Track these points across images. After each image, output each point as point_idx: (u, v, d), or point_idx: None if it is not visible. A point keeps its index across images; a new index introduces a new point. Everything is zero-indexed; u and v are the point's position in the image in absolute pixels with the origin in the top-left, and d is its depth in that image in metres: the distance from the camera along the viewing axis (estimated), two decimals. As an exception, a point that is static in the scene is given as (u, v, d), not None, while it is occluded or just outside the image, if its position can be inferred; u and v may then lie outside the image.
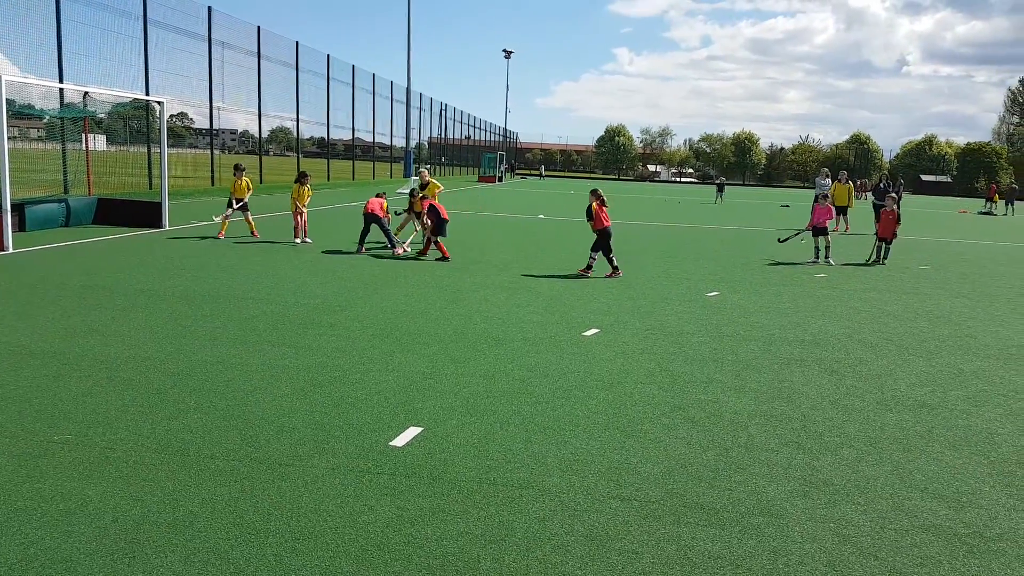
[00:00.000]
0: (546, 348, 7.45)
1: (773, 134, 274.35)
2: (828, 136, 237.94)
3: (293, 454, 4.61)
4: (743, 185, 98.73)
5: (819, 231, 15.53)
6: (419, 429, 5.10)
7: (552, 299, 10.10)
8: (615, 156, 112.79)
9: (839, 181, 24.36)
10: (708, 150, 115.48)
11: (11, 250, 11.86)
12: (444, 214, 13.28)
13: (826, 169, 26.35)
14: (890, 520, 4.13)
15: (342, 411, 5.39)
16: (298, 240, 14.61)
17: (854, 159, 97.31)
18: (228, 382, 5.90)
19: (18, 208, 13.63)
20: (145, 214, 16.21)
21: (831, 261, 15.31)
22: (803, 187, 76.40)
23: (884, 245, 15.76)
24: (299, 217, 14.65)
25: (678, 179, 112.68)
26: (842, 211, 24.22)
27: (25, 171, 20.24)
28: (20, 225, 13.61)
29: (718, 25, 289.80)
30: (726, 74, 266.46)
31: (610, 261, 12.25)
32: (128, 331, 7.29)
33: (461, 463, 4.59)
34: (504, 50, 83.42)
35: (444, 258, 13.09)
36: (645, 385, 6.36)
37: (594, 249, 12.34)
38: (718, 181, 47.73)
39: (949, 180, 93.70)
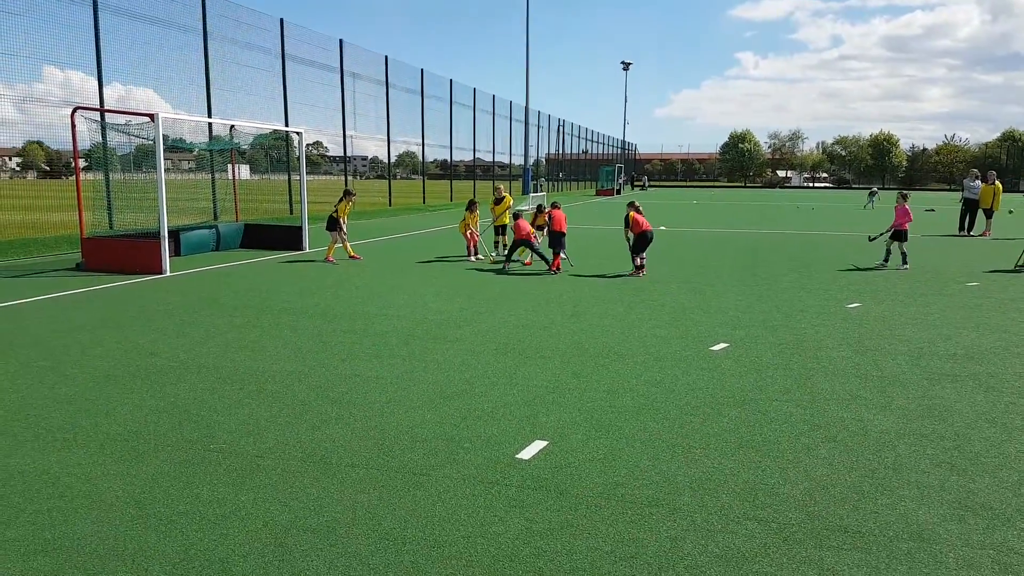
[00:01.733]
0: (671, 363, 7.30)
1: (914, 134, 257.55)
2: (976, 135, 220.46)
3: (426, 464, 4.74)
4: (883, 188, 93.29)
5: (898, 234, 14.53)
6: (544, 443, 5.13)
7: (676, 312, 9.90)
8: (740, 162, 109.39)
9: (986, 182, 22.58)
10: (843, 153, 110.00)
11: (168, 273, 12.92)
12: (561, 227, 13.84)
13: (975, 170, 24.44)
14: (1063, 551, 3.76)
15: (470, 423, 5.50)
16: (472, 258, 15.75)
17: (1006, 158, 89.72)
18: (365, 394, 6.16)
19: (173, 234, 14.86)
20: (287, 238, 17.25)
21: (906, 267, 14.36)
22: (950, 189, 71.14)
23: None
24: (469, 235, 16.01)
25: (811, 184, 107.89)
26: (987, 214, 22.42)
27: (178, 200, 21.96)
28: (176, 250, 14.82)
29: (849, 23, 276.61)
30: (859, 73, 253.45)
31: (639, 260, 13.16)
32: (274, 346, 7.76)
33: (588, 478, 4.57)
34: (622, 62, 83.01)
35: (553, 270, 13.60)
36: (781, 402, 6.11)
37: (635, 251, 13.25)
38: (872, 188, 45.53)
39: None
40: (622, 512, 4.14)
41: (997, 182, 22.73)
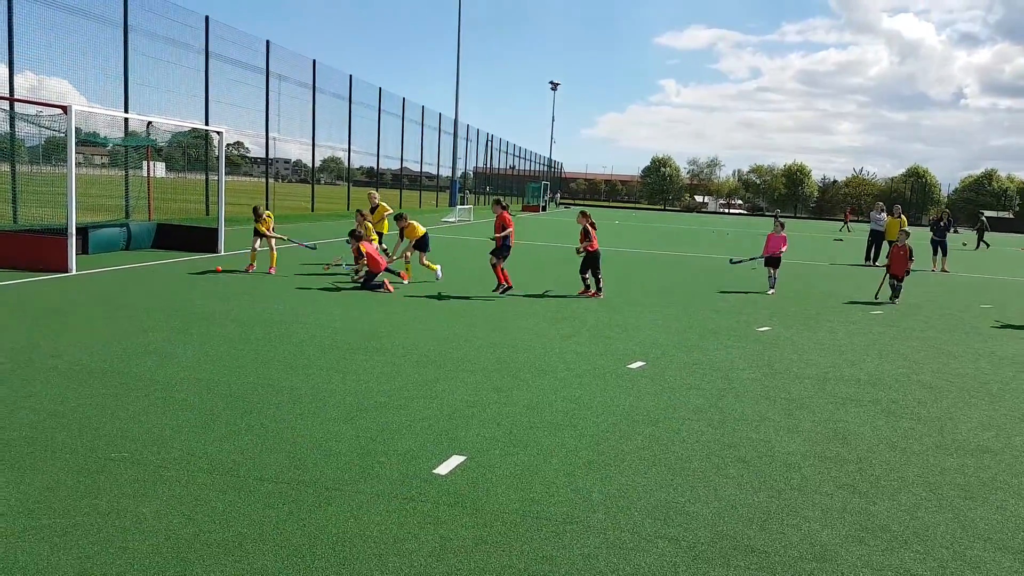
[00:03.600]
0: (591, 380, 7.40)
1: (825, 166, 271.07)
2: (883, 169, 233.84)
3: (339, 479, 4.64)
4: (794, 217, 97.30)
5: (771, 261, 15.29)
6: (462, 458, 5.10)
7: (596, 328, 10.04)
8: (661, 186, 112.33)
9: (892, 215, 23.88)
10: (758, 181, 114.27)
11: (74, 272, 12.29)
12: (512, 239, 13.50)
13: (881, 203, 25.86)
14: (951, 570, 3.97)
15: (387, 437, 5.42)
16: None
17: (911, 193, 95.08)
18: (278, 405, 6.00)
19: (82, 232, 14.15)
20: (202, 239, 16.68)
21: (771, 292, 15.06)
22: (857, 220, 74.89)
23: (896, 283, 14.52)
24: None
25: (727, 210, 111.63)
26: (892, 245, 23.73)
27: (88, 196, 20.97)
28: (83, 248, 14.12)
29: (767, 57, 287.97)
30: (775, 105, 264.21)
31: (597, 281, 13.09)
32: (183, 353, 7.47)
33: (504, 495, 4.57)
34: (551, 82, 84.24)
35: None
36: (693, 421, 6.27)
37: (583, 271, 13.21)
38: (776, 213, 47.21)
39: (1011, 216, 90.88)
40: (537, 529, 4.14)
41: (903, 215, 24.05)
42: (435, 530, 4.05)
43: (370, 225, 14.32)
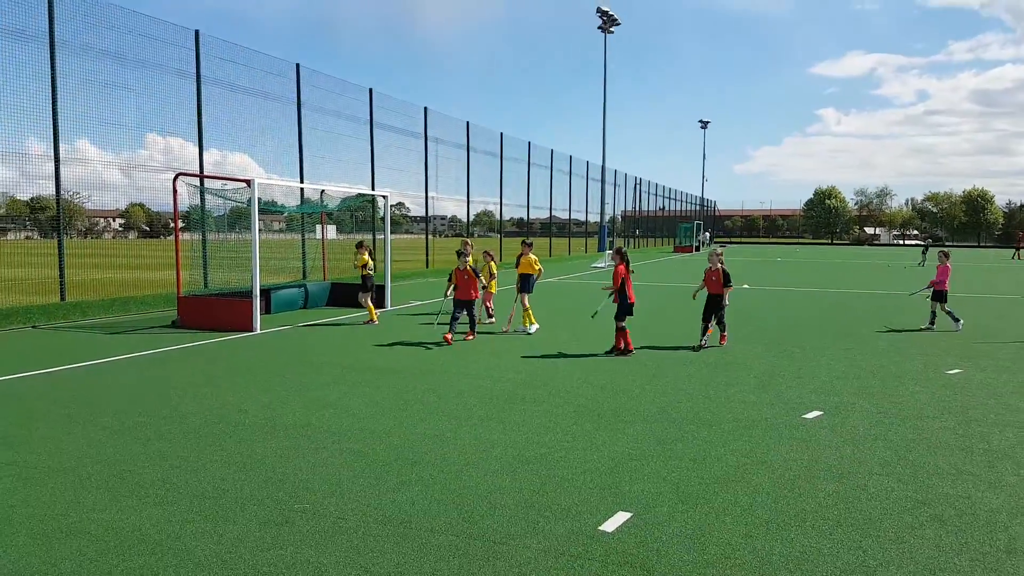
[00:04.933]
0: (761, 432, 7.02)
1: (1010, 190, 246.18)
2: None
3: (506, 532, 4.65)
4: (978, 247, 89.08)
5: (938, 294, 13.90)
6: (628, 514, 4.96)
7: (764, 376, 9.56)
8: (827, 219, 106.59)
9: None
10: (934, 210, 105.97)
11: (259, 331, 13.36)
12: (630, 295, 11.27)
13: None
14: None
15: (549, 490, 5.39)
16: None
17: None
18: (443, 456, 6.14)
19: (264, 293, 15.40)
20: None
21: (958, 327, 13.68)
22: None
23: None
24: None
25: (901, 241, 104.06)
26: None
27: (269, 259, 22.86)
28: (266, 308, 15.35)
29: (935, 78, 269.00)
30: (948, 128, 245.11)
31: (721, 325, 11.95)
32: (357, 405, 7.86)
33: (676, 555, 4.38)
34: (700, 120, 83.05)
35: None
36: (881, 476, 5.77)
37: (705, 317, 11.92)
38: (926, 243, 43.47)
39: None
40: (712, 592, 3.93)
41: None
42: (605, 590, 3.94)
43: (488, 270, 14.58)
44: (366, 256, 15.05)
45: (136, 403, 7.90)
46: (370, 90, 26.60)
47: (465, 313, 12.52)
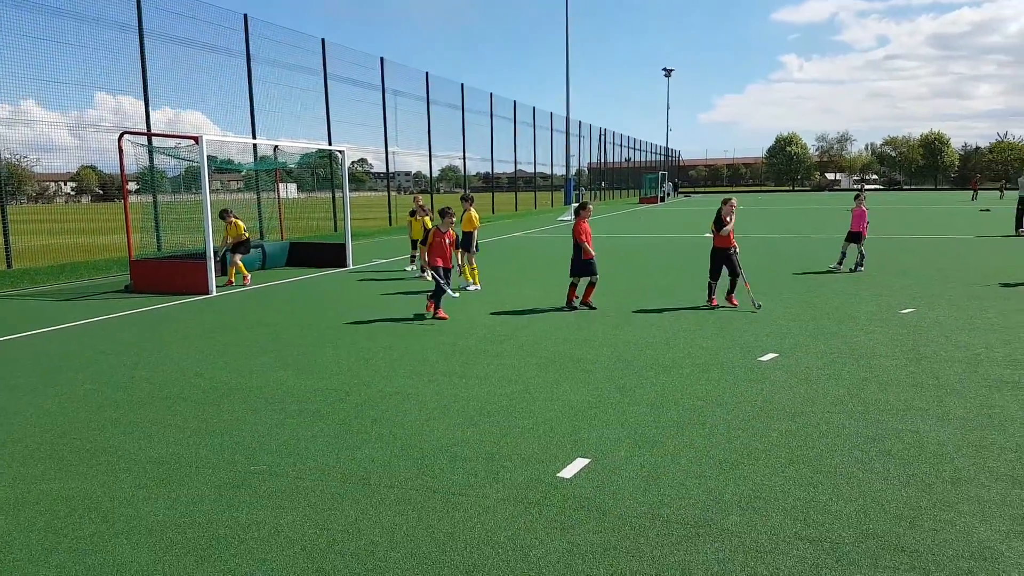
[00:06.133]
0: (718, 374, 7.11)
1: (966, 133, 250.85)
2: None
3: (465, 484, 4.67)
4: (935, 189, 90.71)
5: (852, 235, 14.35)
6: (587, 460, 5.01)
7: (723, 321, 9.67)
8: (788, 166, 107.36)
9: None
10: (893, 154, 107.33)
11: (214, 293, 13.13)
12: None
13: None
14: None
15: (510, 440, 5.41)
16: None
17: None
18: (405, 412, 6.12)
19: (220, 255, 15.07)
20: (332, 255, 17.43)
21: (859, 270, 14.09)
22: (1010, 188, 68.49)
23: None
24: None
25: (861, 187, 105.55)
26: None
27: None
28: (222, 270, 15.05)
29: (894, 23, 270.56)
30: (907, 73, 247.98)
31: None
32: (317, 365, 7.79)
33: (631, 497, 4.44)
34: (664, 68, 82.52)
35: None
36: (833, 414, 5.89)
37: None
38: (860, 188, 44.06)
39: None
40: (667, 533, 3.99)
41: None
42: (562, 535, 3.99)
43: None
44: (241, 224, 14.75)
45: (87, 371, 7.74)
46: (322, 40, 25.94)
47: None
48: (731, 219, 10.71)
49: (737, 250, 10.81)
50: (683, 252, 19.42)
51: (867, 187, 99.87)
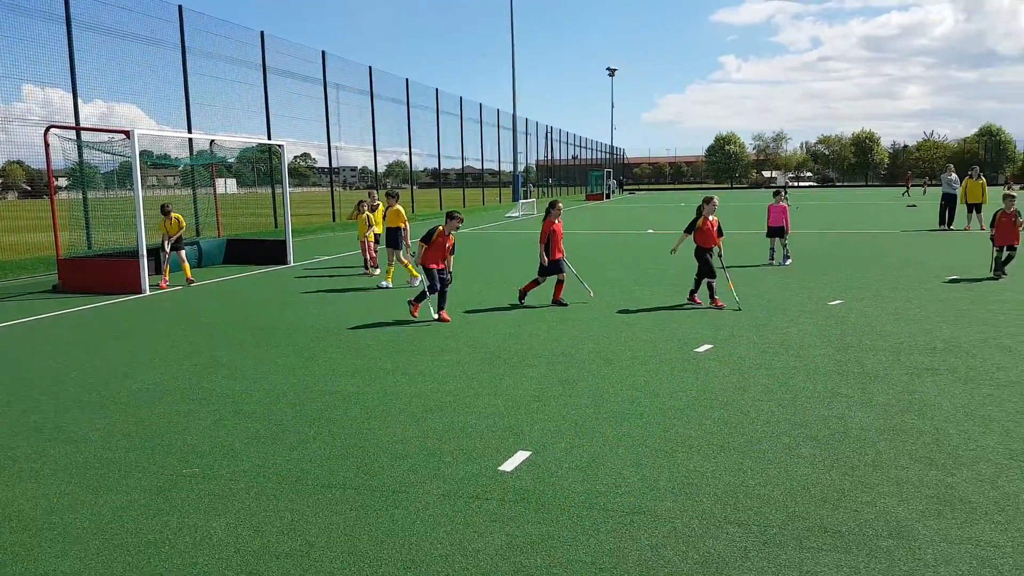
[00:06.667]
0: (656, 366, 7.26)
1: (895, 132, 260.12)
2: (955, 130, 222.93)
3: (406, 481, 4.66)
4: (866, 186, 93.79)
5: (774, 231, 14.83)
6: (527, 453, 5.06)
7: (662, 315, 9.85)
8: (727, 165, 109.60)
9: (970, 177, 22.60)
10: (827, 152, 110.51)
11: (147, 292, 12.77)
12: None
13: (951, 165, 24.66)
14: (1047, 546, 3.72)
15: (453, 436, 5.42)
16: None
17: (984, 153, 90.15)
18: (346, 411, 6.07)
19: (153, 253, 14.63)
20: (271, 252, 17.11)
21: (786, 263, 14.67)
22: (933, 185, 71.52)
23: (1010, 253, 12.63)
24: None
25: (796, 184, 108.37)
26: (976, 208, 22.43)
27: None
28: (156, 268, 14.64)
29: (827, 25, 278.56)
30: (840, 74, 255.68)
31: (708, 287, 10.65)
32: (253, 365, 7.66)
33: (570, 488, 4.50)
34: (608, 68, 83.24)
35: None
36: (763, 402, 6.07)
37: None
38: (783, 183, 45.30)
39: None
40: (604, 521, 4.07)
41: (982, 177, 22.74)
42: (501, 528, 4.02)
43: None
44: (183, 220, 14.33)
45: (10, 374, 7.45)
46: (261, 32, 25.41)
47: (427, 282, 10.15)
48: (714, 217, 10.68)
49: (721, 252, 10.59)
50: (628, 248, 19.69)
51: (801, 184, 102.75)
